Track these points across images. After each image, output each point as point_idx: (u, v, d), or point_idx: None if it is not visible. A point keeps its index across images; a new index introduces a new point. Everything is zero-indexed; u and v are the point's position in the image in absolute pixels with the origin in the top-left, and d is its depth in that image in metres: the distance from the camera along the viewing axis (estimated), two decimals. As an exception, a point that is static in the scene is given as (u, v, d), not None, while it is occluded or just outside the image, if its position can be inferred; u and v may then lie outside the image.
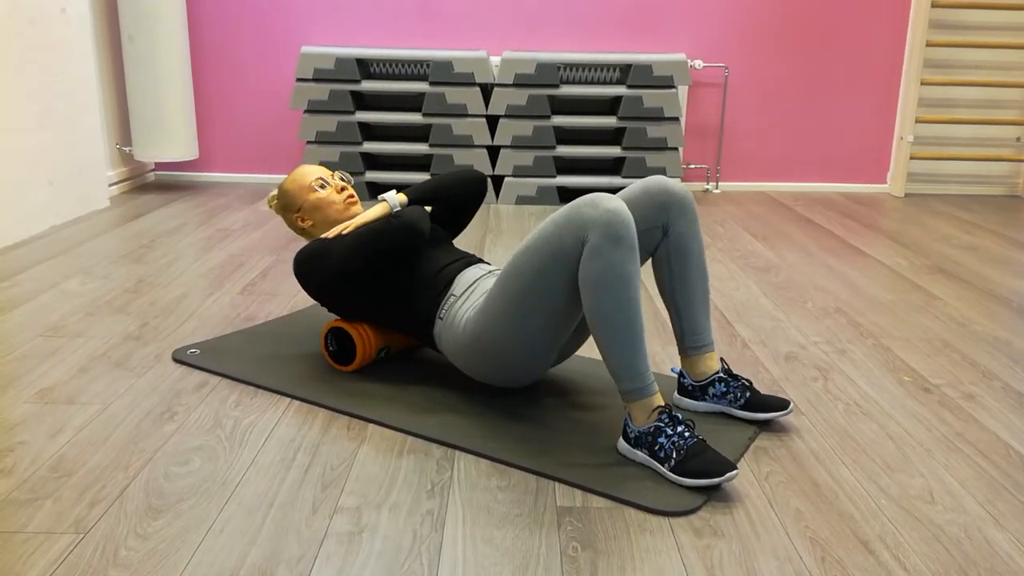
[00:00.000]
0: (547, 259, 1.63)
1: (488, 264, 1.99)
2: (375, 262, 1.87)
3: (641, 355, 1.59)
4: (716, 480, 1.51)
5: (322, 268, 1.90)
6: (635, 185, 1.84)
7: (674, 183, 1.82)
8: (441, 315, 1.87)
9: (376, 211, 1.98)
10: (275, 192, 2.15)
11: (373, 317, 1.98)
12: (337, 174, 2.13)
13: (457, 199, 2.08)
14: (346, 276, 1.88)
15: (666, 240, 1.82)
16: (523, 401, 1.90)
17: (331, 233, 1.96)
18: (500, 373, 1.80)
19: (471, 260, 1.98)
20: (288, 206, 2.11)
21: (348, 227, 1.97)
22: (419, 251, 1.93)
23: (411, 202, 2.01)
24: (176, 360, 2.10)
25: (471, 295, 1.85)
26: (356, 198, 2.09)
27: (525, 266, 1.66)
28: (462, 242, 3.35)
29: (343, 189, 2.09)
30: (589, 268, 1.58)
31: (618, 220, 1.57)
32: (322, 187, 2.08)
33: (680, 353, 1.87)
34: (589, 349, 2.24)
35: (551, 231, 1.63)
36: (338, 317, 2.04)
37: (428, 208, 2.07)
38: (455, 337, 1.82)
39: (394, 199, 1.98)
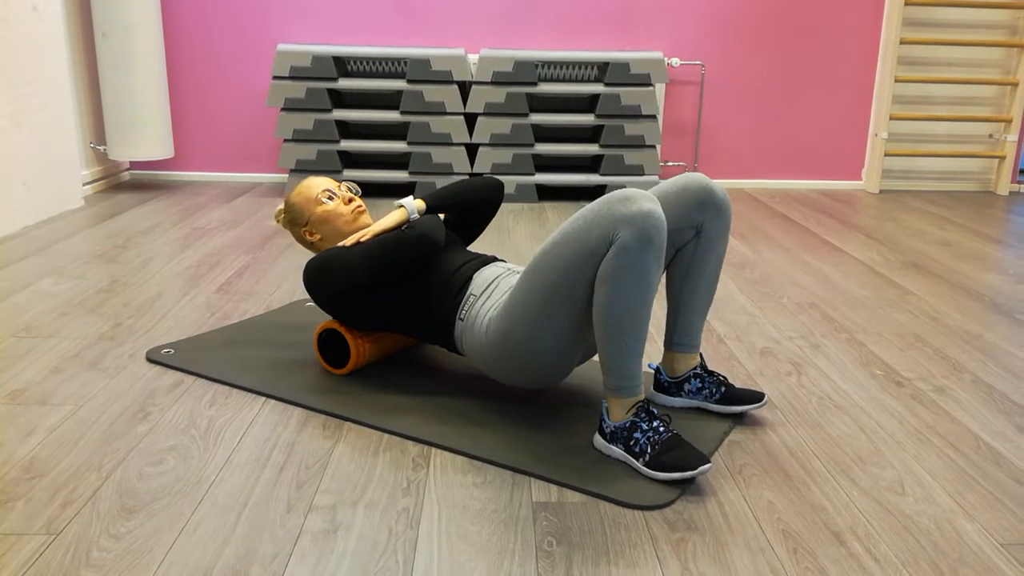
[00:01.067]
0: (574, 256, 1.58)
1: (504, 262, 1.94)
2: (389, 272, 1.82)
3: (638, 358, 1.59)
4: (689, 473, 1.52)
5: (334, 278, 1.84)
6: (673, 181, 1.79)
7: (716, 184, 1.78)
8: (462, 316, 1.81)
9: (393, 218, 1.93)
10: (282, 206, 2.11)
11: (389, 325, 1.92)
12: (344, 185, 2.08)
13: (475, 206, 2.04)
14: (359, 287, 1.83)
15: (695, 240, 1.78)
16: (499, 398, 1.90)
17: (349, 241, 1.91)
18: (526, 373, 1.74)
19: (486, 259, 1.93)
20: (295, 220, 2.05)
21: (365, 235, 1.92)
22: (434, 259, 1.89)
23: (429, 209, 1.97)
24: (150, 360, 2.09)
25: (492, 294, 1.79)
26: (364, 208, 2.05)
27: (551, 263, 1.61)
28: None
29: (351, 200, 2.04)
30: (612, 265, 1.53)
31: (651, 222, 1.52)
32: (329, 199, 2.03)
33: (665, 346, 1.88)
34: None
35: (579, 226, 1.58)
36: (338, 321, 2.00)
37: (443, 215, 2.03)
38: (478, 338, 1.77)
39: (412, 205, 1.94)
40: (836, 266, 3.08)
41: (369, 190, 4.32)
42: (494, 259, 1.95)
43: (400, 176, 4.11)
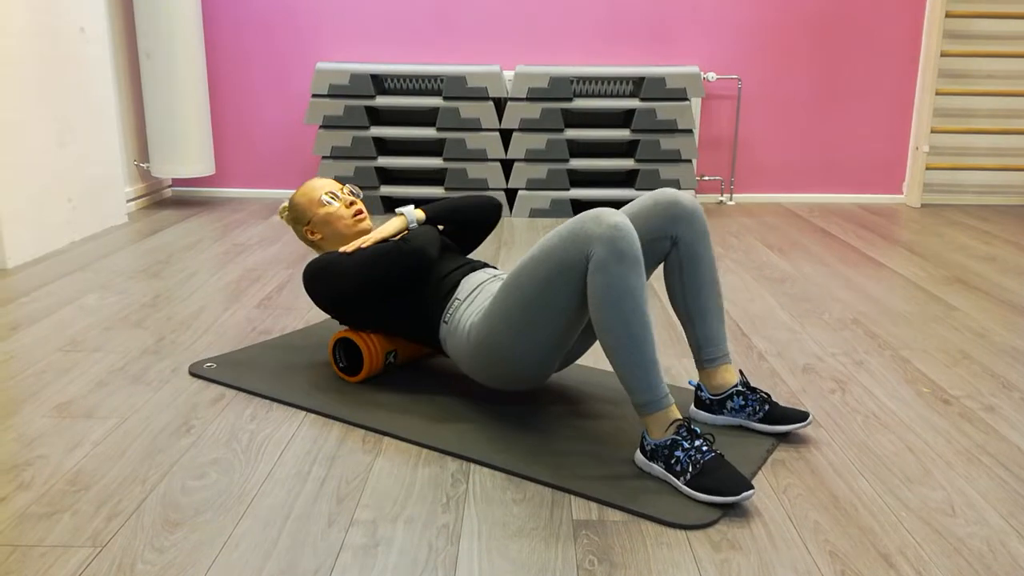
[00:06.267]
0: (551, 271, 1.64)
1: (494, 268, 2.01)
2: (383, 282, 1.89)
3: (652, 368, 1.58)
4: (731, 499, 1.50)
5: (330, 285, 1.93)
6: (644, 197, 1.85)
7: (683, 195, 1.83)
8: (446, 319, 1.90)
9: (393, 226, 2.02)
10: (286, 203, 2.19)
11: (381, 326, 2.01)
12: (347, 188, 2.16)
13: (471, 223, 2.13)
14: (355, 292, 1.91)
15: (676, 251, 1.83)
16: (539, 412, 1.90)
17: (350, 248, 1.98)
18: (503, 378, 1.81)
19: (476, 265, 2.01)
20: (298, 219, 2.14)
21: (366, 242, 1.99)
22: (428, 271, 1.95)
23: (428, 220, 2.05)
24: (192, 374, 2.11)
25: (475, 299, 1.87)
26: (365, 213, 2.12)
27: (529, 277, 1.68)
28: (475, 254, 3.35)
29: (352, 204, 2.11)
30: (595, 283, 1.59)
31: (620, 235, 1.58)
32: (331, 201, 2.11)
33: (697, 366, 1.86)
34: (605, 361, 2.23)
35: (555, 244, 1.65)
36: (346, 327, 2.06)
37: (440, 227, 2.09)
38: (459, 341, 1.85)
39: (412, 214, 2.02)
40: (878, 281, 3.03)
41: (405, 205, 4.35)
42: (484, 265, 2.02)
43: (436, 192, 4.14)
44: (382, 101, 4.06)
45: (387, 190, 4.14)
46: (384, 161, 4.11)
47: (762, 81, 4.43)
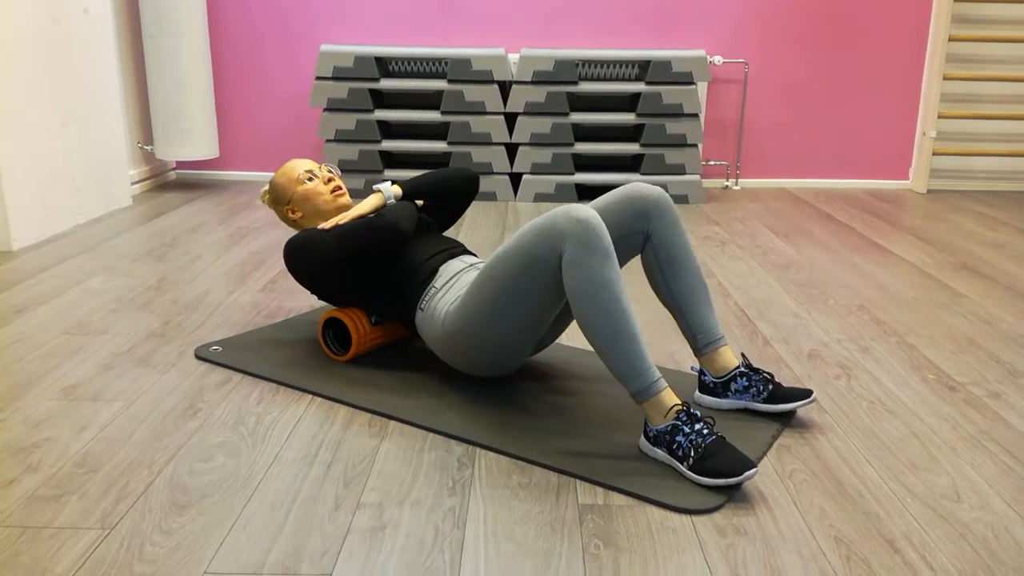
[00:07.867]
0: (523, 266, 1.68)
1: (473, 256, 2.06)
2: (359, 258, 1.94)
3: (638, 354, 1.59)
4: (734, 480, 1.50)
5: (309, 260, 1.97)
6: (616, 191, 1.88)
7: (652, 189, 1.85)
8: (422, 306, 1.94)
9: (370, 202, 2.07)
10: (267, 187, 2.24)
11: (360, 305, 2.06)
12: (324, 166, 2.22)
13: (448, 197, 2.18)
14: (332, 268, 1.96)
15: (651, 245, 1.85)
16: (544, 397, 1.90)
17: (328, 224, 2.03)
18: (476, 364, 1.86)
19: (455, 251, 2.05)
20: (279, 199, 2.19)
21: (343, 218, 2.05)
22: (404, 247, 1.99)
23: (404, 196, 2.10)
24: (199, 357, 2.12)
25: (452, 288, 1.91)
26: (343, 190, 2.18)
27: (503, 271, 1.72)
28: (474, 239, 3.35)
29: (330, 180, 2.17)
30: (571, 279, 1.62)
31: (589, 229, 1.61)
32: (310, 179, 2.16)
33: (695, 354, 1.87)
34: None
35: (528, 240, 1.68)
36: (331, 306, 2.10)
37: (420, 202, 2.19)
38: (434, 328, 1.90)
39: (388, 191, 2.08)
40: (884, 267, 3.03)
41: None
42: (463, 251, 2.07)
43: (441, 176, 4.12)
44: (386, 84, 4.05)
45: (391, 173, 4.13)
46: (388, 144, 4.10)
47: (769, 65, 4.40)
